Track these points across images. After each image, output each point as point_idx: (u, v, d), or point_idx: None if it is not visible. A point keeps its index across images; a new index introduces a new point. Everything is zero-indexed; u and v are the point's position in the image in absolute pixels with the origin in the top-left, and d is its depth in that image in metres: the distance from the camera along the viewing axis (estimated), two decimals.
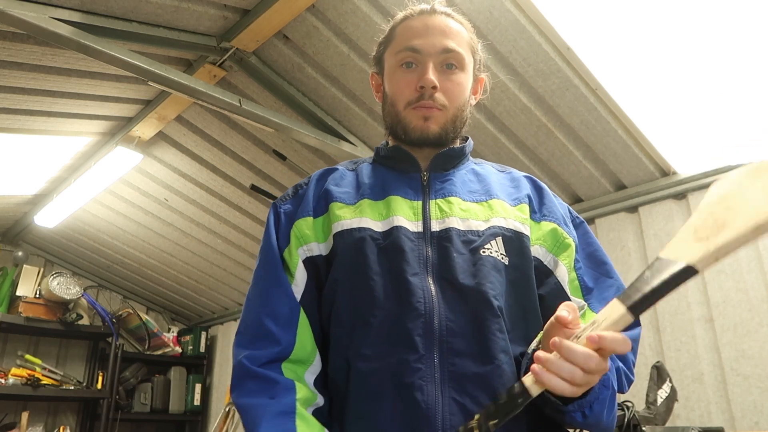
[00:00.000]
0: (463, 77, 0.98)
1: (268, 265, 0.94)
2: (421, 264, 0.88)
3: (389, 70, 1.01)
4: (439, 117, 0.95)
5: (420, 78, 0.94)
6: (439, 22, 0.98)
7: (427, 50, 0.95)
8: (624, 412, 1.84)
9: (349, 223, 0.92)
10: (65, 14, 1.94)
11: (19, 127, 2.75)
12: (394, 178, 0.98)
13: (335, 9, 2.13)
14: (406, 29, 0.99)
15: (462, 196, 0.95)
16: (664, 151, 2.55)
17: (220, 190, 3.36)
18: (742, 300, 2.33)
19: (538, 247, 0.94)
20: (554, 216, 0.97)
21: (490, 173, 1.03)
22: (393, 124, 1.00)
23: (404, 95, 0.96)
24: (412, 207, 0.93)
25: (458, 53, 0.96)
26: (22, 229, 4.10)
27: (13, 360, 3.95)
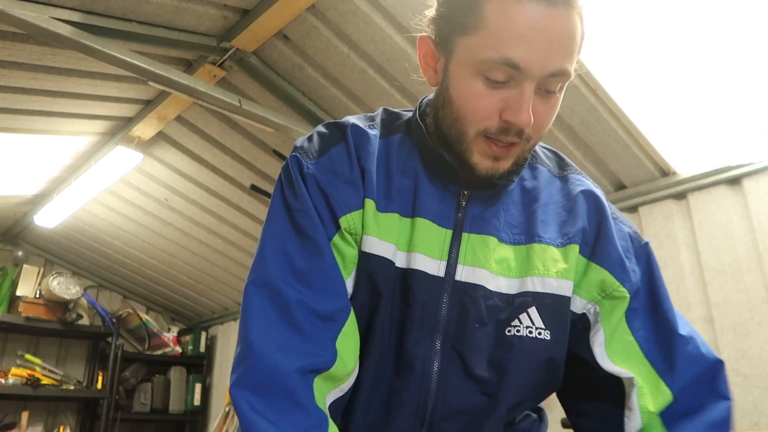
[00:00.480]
0: (560, 99, 0.74)
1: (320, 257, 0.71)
2: (431, 324, 0.72)
3: (464, 72, 0.70)
4: (515, 151, 0.72)
5: (511, 110, 0.68)
6: (556, 21, 0.65)
7: (532, 72, 0.66)
8: None
9: (377, 246, 0.73)
10: (65, 14, 1.94)
11: (19, 127, 2.75)
12: (427, 186, 0.76)
13: (335, 9, 2.13)
14: (506, 23, 0.65)
15: (500, 236, 0.75)
16: (664, 151, 2.55)
17: (220, 190, 3.36)
18: (742, 300, 2.33)
19: (579, 298, 0.76)
20: (608, 259, 0.76)
21: (543, 185, 0.80)
22: (450, 139, 0.74)
23: (481, 120, 0.70)
24: (439, 239, 0.74)
25: (568, 75, 0.70)
26: (22, 229, 4.10)
27: (13, 360, 3.95)
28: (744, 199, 2.43)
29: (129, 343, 4.63)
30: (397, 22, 2.14)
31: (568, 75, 0.70)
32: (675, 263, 2.56)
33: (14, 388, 3.70)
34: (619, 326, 0.75)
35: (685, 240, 2.57)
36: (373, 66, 2.35)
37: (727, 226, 2.45)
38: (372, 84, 2.42)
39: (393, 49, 2.24)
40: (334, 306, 0.70)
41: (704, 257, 2.48)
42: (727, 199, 2.48)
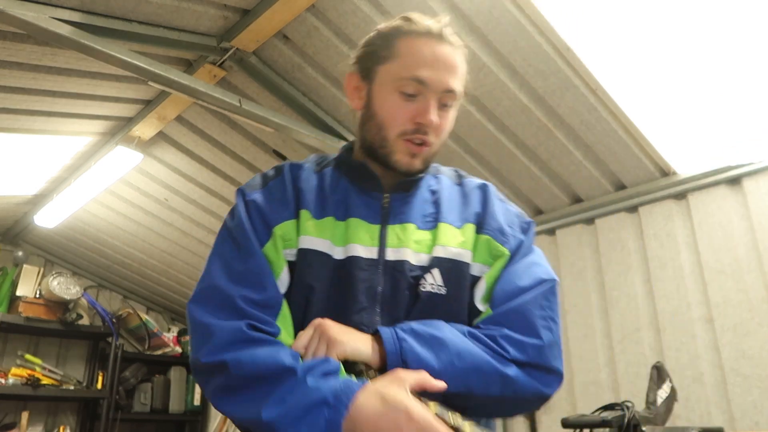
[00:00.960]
0: (453, 114, 1.00)
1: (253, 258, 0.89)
2: (370, 296, 0.90)
3: (384, 89, 0.95)
4: (425, 153, 0.96)
5: (421, 114, 0.93)
6: (448, 54, 0.94)
7: (434, 86, 0.93)
8: (624, 412, 1.84)
9: (314, 243, 0.92)
10: (65, 14, 1.94)
11: (19, 127, 2.75)
12: (356, 196, 0.98)
13: (335, 9, 2.13)
14: (414, 53, 0.93)
15: (417, 223, 0.97)
16: (664, 151, 2.55)
17: (220, 190, 3.36)
18: (742, 300, 2.33)
19: (476, 264, 0.96)
20: (490, 227, 0.98)
21: (445, 188, 1.03)
22: (375, 146, 0.97)
23: (399, 124, 0.94)
24: (369, 231, 0.94)
25: (457, 93, 0.96)
26: (22, 229, 4.10)
27: (13, 360, 3.95)
28: (744, 199, 2.43)
29: (129, 343, 4.62)
30: None
31: (458, 93, 0.96)
32: (675, 263, 2.56)
33: (14, 388, 3.70)
34: (495, 280, 0.95)
35: (685, 240, 2.57)
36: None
37: (727, 226, 2.45)
38: None
39: None
40: (269, 295, 0.87)
41: (704, 257, 2.48)
42: (727, 199, 2.48)
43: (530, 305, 0.90)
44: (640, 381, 2.50)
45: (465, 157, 2.73)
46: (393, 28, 0.96)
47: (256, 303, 0.85)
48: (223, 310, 0.85)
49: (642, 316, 2.61)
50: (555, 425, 2.74)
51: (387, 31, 0.97)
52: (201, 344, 0.83)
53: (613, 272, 2.77)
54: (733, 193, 2.48)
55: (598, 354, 2.71)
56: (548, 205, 3.03)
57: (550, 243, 3.07)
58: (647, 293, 2.63)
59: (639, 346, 2.58)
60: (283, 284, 0.90)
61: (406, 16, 0.97)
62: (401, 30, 0.95)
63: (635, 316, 2.63)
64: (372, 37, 0.99)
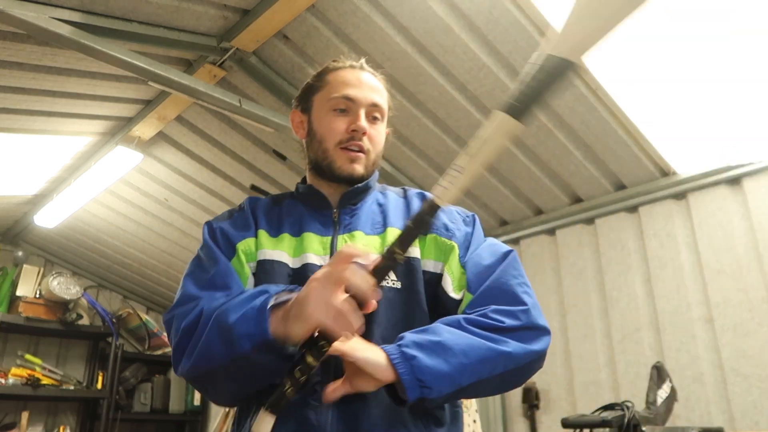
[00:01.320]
0: (383, 128, 1.14)
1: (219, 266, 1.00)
2: None
3: (320, 112, 1.12)
4: (363, 160, 1.09)
5: (352, 123, 1.08)
6: (369, 78, 1.14)
7: (360, 101, 1.09)
8: (624, 412, 1.84)
9: (271, 254, 1.04)
10: (65, 14, 1.94)
11: (19, 127, 2.75)
12: (309, 215, 1.10)
13: (335, 9, 2.13)
14: (341, 78, 1.12)
15: (365, 230, 1.08)
16: (664, 151, 2.55)
17: (220, 190, 3.36)
18: (742, 300, 2.33)
19: (428, 260, 1.06)
20: (434, 226, 1.08)
21: (391, 200, 1.15)
22: (318, 160, 1.11)
23: (335, 136, 1.08)
24: (322, 242, 1.06)
25: (382, 108, 1.13)
26: (22, 229, 4.10)
27: (13, 360, 3.95)
28: (744, 199, 2.43)
29: (129, 343, 4.63)
30: (397, 22, 2.15)
31: (382, 108, 1.13)
32: (675, 263, 2.56)
33: (14, 388, 3.71)
34: (457, 269, 1.04)
35: (685, 240, 2.57)
36: (373, 66, 2.35)
37: (727, 226, 2.45)
38: None
39: (393, 49, 2.24)
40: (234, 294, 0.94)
41: (704, 257, 2.48)
42: (727, 199, 2.48)
43: (504, 278, 1.01)
44: (640, 381, 2.50)
45: None
46: (323, 68, 1.17)
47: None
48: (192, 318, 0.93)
49: (642, 316, 2.61)
50: (555, 425, 2.74)
51: (319, 71, 1.17)
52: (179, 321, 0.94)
53: (613, 272, 2.77)
54: (733, 193, 2.48)
55: (598, 354, 2.71)
56: (548, 205, 3.03)
57: (550, 243, 3.08)
58: (647, 293, 2.63)
59: (639, 346, 2.58)
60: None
61: (333, 60, 1.17)
62: (329, 67, 1.16)
63: (635, 316, 2.63)
64: (307, 81, 1.19)
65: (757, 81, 2.13)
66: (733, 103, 2.23)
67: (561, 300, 2.93)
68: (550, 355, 3.24)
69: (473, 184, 2.94)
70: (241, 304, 0.87)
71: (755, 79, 2.12)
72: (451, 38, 2.14)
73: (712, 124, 2.34)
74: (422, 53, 2.26)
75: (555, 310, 2.94)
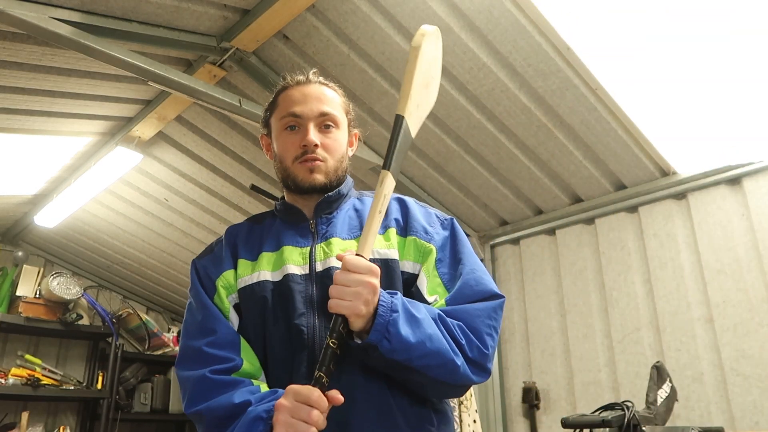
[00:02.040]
0: (339, 134, 1.17)
1: (205, 310, 1.09)
2: (307, 303, 1.06)
3: (276, 133, 1.19)
4: (322, 167, 1.13)
5: (302, 138, 1.13)
6: (315, 90, 1.18)
7: (307, 115, 1.14)
8: (624, 412, 1.84)
9: (249, 279, 1.10)
10: (65, 14, 1.94)
11: (19, 127, 2.74)
12: (287, 229, 1.16)
13: (335, 9, 2.13)
14: (287, 98, 1.18)
15: (342, 236, 1.12)
16: (664, 151, 2.55)
17: (220, 190, 3.36)
18: (742, 300, 2.33)
19: (407, 261, 1.11)
20: (414, 229, 1.13)
21: (368, 206, 1.19)
22: (284, 178, 1.17)
23: (290, 152, 1.14)
24: (301, 253, 1.11)
25: (333, 115, 1.16)
26: (22, 229, 4.10)
27: (13, 360, 3.95)
28: (744, 199, 2.43)
29: (129, 343, 4.62)
30: (397, 22, 2.15)
31: (332, 115, 1.16)
32: (675, 263, 2.56)
33: (14, 388, 3.70)
34: (432, 273, 1.10)
35: (685, 240, 2.57)
36: (373, 66, 2.35)
37: (727, 226, 2.45)
38: (372, 84, 2.42)
39: (393, 49, 2.24)
40: (223, 335, 1.06)
41: (704, 257, 2.48)
42: (727, 199, 2.48)
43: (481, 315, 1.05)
44: (640, 381, 2.50)
45: (465, 157, 2.73)
46: (276, 90, 1.23)
47: (216, 345, 1.04)
48: (193, 361, 1.05)
49: (642, 316, 2.61)
50: (555, 425, 2.74)
51: (274, 93, 1.24)
52: (183, 398, 1.04)
53: (613, 272, 2.77)
54: (733, 193, 2.48)
55: (598, 354, 2.71)
56: (548, 205, 3.03)
57: (550, 243, 3.08)
58: (647, 293, 2.63)
59: (639, 346, 2.58)
60: (234, 323, 1.10)
61: (283, 76, 1.23)
62: (280, 88, 1.23)
63: (635, 316, 2.63)
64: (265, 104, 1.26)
65: (757, 81, 2.13)
66: (733, 103, 2.23)
67: (561, 300, 2.93)
68: (550, 355, 3.25)
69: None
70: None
71: (755, 79, 2.12)
72: (451, 38, 2.14)
73: (712, 124, 2.34)
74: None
75: (555, 310, 2.95)
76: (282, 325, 1.06)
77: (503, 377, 3.08)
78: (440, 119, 2.55)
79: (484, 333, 1.03)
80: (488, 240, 3.31)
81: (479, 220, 3.25)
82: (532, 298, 3.05)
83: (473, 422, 2.64)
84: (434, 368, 0.96)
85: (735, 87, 2.16)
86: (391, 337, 0.93)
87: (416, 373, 0.96)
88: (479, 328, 1.03)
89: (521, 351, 3.03)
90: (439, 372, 0.96)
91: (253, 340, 1.08)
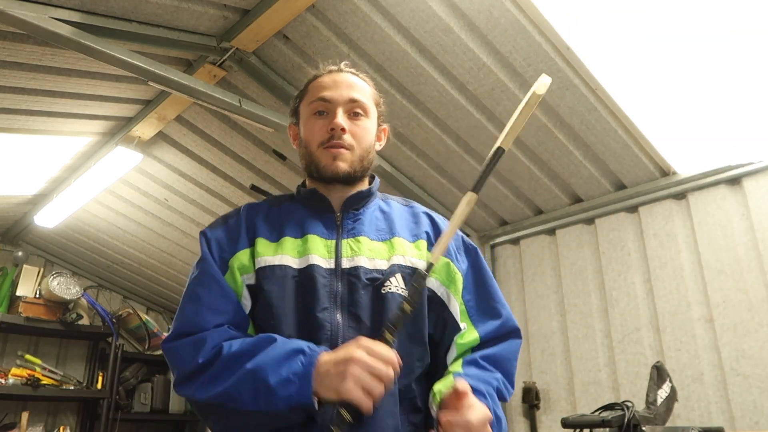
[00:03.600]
0: (369, 123, 1.15)
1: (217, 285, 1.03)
2: (331, 298, 1.03)
3: (304, 118, 1.16)
4: (347, 156, 1.11)
5: (330, 122, 1.10)
6: (345, 77, 1.16)
7: (336, 100, 1.12)
8: (624, 412, 1.84)
9: (272, 260, 1.05)
10: (65, 14, 1.94)
11: (19, 127, 2.74)
12: (311, 217, 1.12)
13: (335, 9, 2.13)
14: (318, 84, 1.16)
15: (370, 236, 1.10)
16: (664, 151, 2.55)
17: (220, 190, 3.36)
18: (742, 300, 2.33)
19: (433, 279, 1.10)
20: (447, 251, 1.12)
21: (395, 210, 1.18)
22: (308, 164, 1.14)
23: (317, 137, 1.12)
24: (326, 245, 1.07)
25: (363, 103, 1.14)
26: (22, 229, 4.10)
27: (13, 360, 3.95)
28: (744, 199, 2.43)
29: (129, 343, 4.62)
30: (397, 22, 2.15)
31: (362, 103, 1.14)
32: (675, 263, 2.56)
33: (14, 388, 3.70)
34: (459, 299, 1.11)
35: (685, 240, 2.57)
36: (373, 66, 2.35)
37: (727, 226, 2.45)
38: None
39: (393, 49, 2.24)
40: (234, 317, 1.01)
41: (704, 257, 2.48)
42: (727, 199, 2.48)
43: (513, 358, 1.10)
44: (640, 381, 2.50)
45: (465, 157, 2.73)
46: (308, 80, 1.21)
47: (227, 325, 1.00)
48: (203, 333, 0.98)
49: (642, 316, 2.61)
50: (555, 425, 2.74)
51: (305, 82, 1.22)
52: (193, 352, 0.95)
53: (613, 272, 2.77)
54: (733, 193, 2.48)
55: (598, 354, 2.71)
56: (548, 205, 3.03)
57: (550, 243, 3.08)
58: (647, 293, 2.63)
59: (639, 346, 2.58)
60: (245, 305, 1.04)
61: (315, 69, 1.21)
62: (311, 77, 1.20)
63: (635, 316, 2.63)
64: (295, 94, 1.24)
65: (757, 81, 2.13)
66: (733, 103, 2.23)
67: (561, 300, 2.93)
68: (550, 355, 3.25)
69: None
70: (278, 362, 0.89)
71: (755, 79, 2.12)
72: (451, 38, 2.14)
73: (712, 124, 2.34)
74: (422, 53, 2.26)
75: (555, 310, 2.95)
76: (300, 315, 1.02)
77: None
78: (440, 119, 2.55)
79: (513, 376, 1.08)
80: (488, 240, 3.31)
81: (479, 220, 3.25)
82: (532, 298, 3.05)
83: None
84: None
85: (735, 87, 2.16)
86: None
87: None
88: (511, 373, 1.08)
89: (521, 351, 3.02)
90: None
91: (262, 322, 1.03)
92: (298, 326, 1.01)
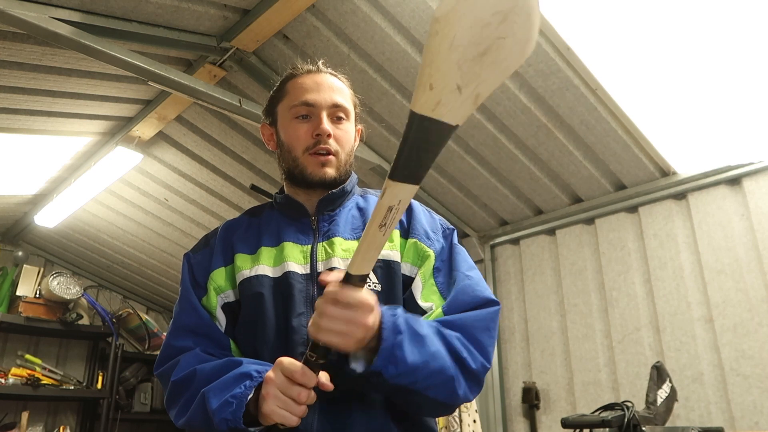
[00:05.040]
0: (350, 126, 1.15)
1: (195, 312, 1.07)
2: (307, 303, 1.03)
3: (284, 121, 1.14)
4: (334, 162, 1.10)
5: (316, 127, 1.08)
6: (327, 79, 1.14)
7: (320, 104, 1.10)
8: (624, 412, 1.84)
9: (248, 273, 1.07)
10: (65, 14, 1.94)
11: (19, 127, 2.75)
12: (287, 224, 1.12)
13: (335, 9, 2.13)
14: (298, 86, 1.13)
15: (344, 236, 1.09)
16: (664, 151, 2.55)
17: (220, 190, 3.36)
18: (742, 300, 2.33)
19: (406, 264, 1.08)
20: (416, 232, 1.10)
21: (371, 204, 1.16)
22: (291, 169, 1.12)
23: (302, 142, 1.09)
24: (302, 251, 1.08)
25: (345, 107, 1.13)
26: (22, 229, 4.10)
27: (13, 360, 3.95)
28: (744, 199, 2.43)
29: (129, 343, 4.62)
30: (397, 22, 2.15)
31: (344, 107, 1.13)
32: (675, 263, 2.56)
33: (14, 388, 3.70)
34: (428, 279, 1.07)
35: (685, 240, 2.57)
36: (373, 66, 2.35)
37: (727, 226, 2.45)
38: (372, 84, 2.42)
39: (393, 49, 2.24)
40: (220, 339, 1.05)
41: (704, 257, 2.48)
42: (727, 199, 2.48)
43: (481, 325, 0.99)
44: (640, 381, 2.50)
45: (465, 157, 2.73)
46: (283, 77, 1.18)
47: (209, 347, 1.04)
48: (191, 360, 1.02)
49: (642, 316, 2.61)
50: (555, 425, 2.74)
51: (279, 81, 1.19)
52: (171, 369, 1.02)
53: (613, 272, 2.77)
54: (733, 193, 2.48)
55: (598, 354, 2.71)
56: (548, 205, 3.03)
57: (550, 243, 3.08)
58: (647, 293, 2.63)
59: (639, 346, 2.58)
60: (221, 323, 1.08)
61: (292, 65, 1.18)
62: (288, 76, 1.17)
63: (635, 316, 2.63)
64: (270, 92, 1.21)
65: (757, 81, 2.13)
66: (733, 103, 2.23)
67: (561, 300, 2.93)
68: (550, 355, 3.25)
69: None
70: (225, 386, 0.92)
71: (755, 79, 2.12)
72: None
73: (712, 124, 2.34)
74: (422, 53, 2.26)
75: (555, 310, 2.95)
76: (280, 322, 1.03)
77: (503, 377, 3.08)
78: None
79: (486, 344, 0.97)
80: (488, 240, 3.31)
81: (479, 220, 3.25)
82: (531, 298, 3.05)
83: (473, 422, 2.64)
84: (435, 388, 0.90)
85: (735, 87, 2.16)
86: (398, 361, 0.86)
87: (415, 395, 0.91)
88: (481, 340, 0.97)
89: (521, 351, 3.03)
90: (439, 391, 0.91)
91: (245, 333, 1.05)
92: (278, 333, 1.02)
